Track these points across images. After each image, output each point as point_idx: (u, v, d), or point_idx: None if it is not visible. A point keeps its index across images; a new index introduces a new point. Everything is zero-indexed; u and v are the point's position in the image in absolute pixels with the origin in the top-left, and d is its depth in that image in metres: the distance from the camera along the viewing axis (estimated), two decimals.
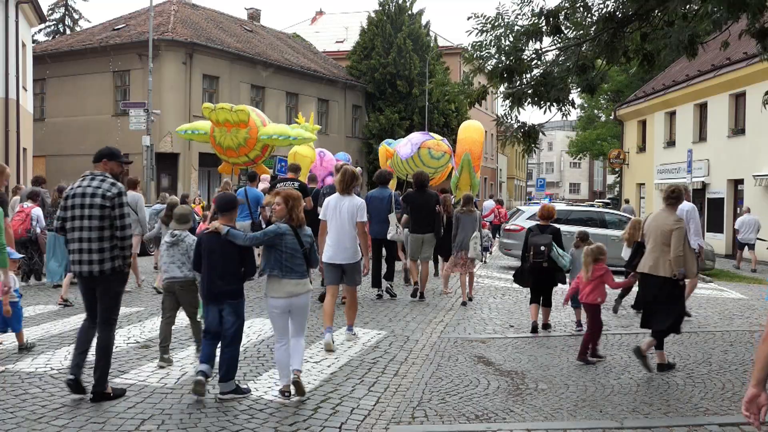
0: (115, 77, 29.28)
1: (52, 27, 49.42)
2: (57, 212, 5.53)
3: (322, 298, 8.43)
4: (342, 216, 6.98)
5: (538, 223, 8.43)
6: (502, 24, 7.27)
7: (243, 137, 14.69)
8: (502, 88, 7.67)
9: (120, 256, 5.07)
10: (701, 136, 24.49)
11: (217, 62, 29.58)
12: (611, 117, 37.35)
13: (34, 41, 30.05)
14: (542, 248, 7.82)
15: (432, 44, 40.14)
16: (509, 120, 7.93)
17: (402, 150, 16.98)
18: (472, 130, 18.16)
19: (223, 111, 14.47)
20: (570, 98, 7.63)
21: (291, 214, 5.20)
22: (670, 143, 26.79)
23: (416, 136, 17.47)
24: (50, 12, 48.66)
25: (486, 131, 30.17)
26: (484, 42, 7.33)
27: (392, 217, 9.70)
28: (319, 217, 7.25)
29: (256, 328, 7.70)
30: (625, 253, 9.46)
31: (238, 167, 15.76)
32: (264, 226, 10.04)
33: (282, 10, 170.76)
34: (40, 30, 46.13)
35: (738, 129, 22.09)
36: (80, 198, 5.03)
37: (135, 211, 9.91)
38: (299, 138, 15.45)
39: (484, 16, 7.40)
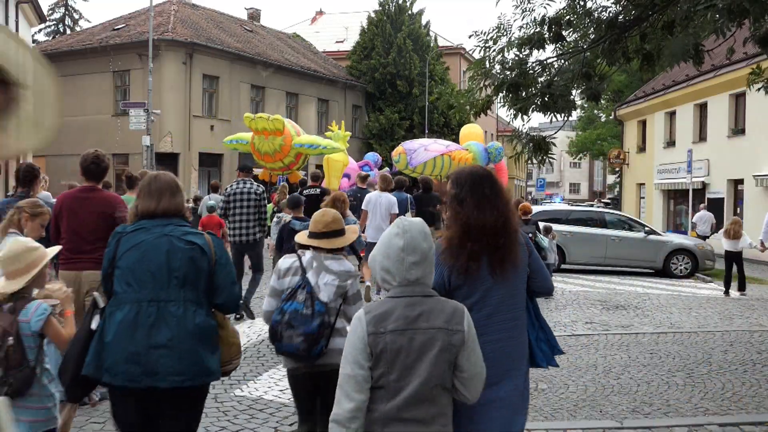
0: (115, 77, 29.26)
1: (52, 27, 49.38)
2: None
3: None
4: (381, 206, 9.54)
5: (523, 218, 10.71)
6: (504, 33, 7.23)
7: (278, 144, 16.28)
8: (507, 103, 7.62)
9: (261, 231, 8.32)
10: (701, 136, 24.46)
11: (217, 62, 29.56)
12: (611, 117, 37.32)
13: (34, 41, 30.07)
14: (529, 234, 9.78)
15: (432, 44, 40.09)
16: (521, 134, 7.85)
17: None
18: (473, 136, 19.14)
19: (261, 120, 16.16)
20: (573, 102, 7.62)
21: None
22: (670, 143, 26.77)
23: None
24: (50, 12, 48.61)
25: (486, 131, 30.34)
26: (487, 58, 7.31)
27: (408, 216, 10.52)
28: (362, 207, 9.63)
29: (256, 328, 7.70)
30: (727, 244, 12.05)
31: (275, 172, 17.49)
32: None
33: (282, 10, 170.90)
34: (40, 30, 46.09)
35: (738, 129, 22.08)
36: (239, 195, 8.20)
37: None
38: (329, 147, 17.30)
39: (485, 33, 7.38)
